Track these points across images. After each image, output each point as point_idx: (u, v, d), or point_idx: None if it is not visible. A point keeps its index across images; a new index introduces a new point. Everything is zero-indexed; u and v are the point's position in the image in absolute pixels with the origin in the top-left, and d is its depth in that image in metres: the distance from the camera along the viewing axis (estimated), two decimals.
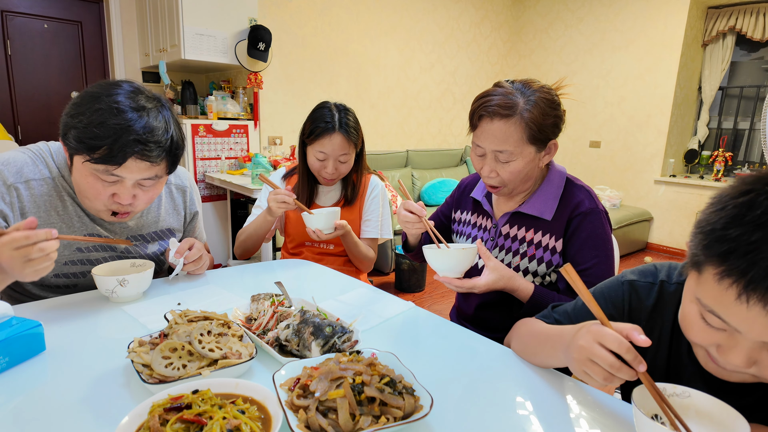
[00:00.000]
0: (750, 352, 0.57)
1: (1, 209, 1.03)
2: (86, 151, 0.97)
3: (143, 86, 1.06)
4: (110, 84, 1.02)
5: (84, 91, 1.02)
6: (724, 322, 0.56)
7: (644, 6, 4.66)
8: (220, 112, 3.69)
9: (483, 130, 1.08)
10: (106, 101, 0.97)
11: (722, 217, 0.54)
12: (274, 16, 3.85)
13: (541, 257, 1.15)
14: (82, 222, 1.14)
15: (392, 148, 4.89)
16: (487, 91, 1.10)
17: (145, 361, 0.72)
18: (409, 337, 0.98)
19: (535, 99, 1.05)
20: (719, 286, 0.54)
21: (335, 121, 1.51)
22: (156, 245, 1.29)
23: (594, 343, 0.64)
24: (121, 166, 0.99)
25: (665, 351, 0.76)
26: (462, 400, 0.74)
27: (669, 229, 4.80)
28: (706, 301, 0.58)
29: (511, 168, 1.09)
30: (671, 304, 0.76)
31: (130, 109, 0.98)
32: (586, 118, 5.24)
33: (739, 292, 0.52)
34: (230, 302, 1.09)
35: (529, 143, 1.07)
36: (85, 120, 0.96)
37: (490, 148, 1.08)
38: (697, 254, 0.58)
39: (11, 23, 3.75)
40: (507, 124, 1.05)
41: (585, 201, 1.13)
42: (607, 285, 0.84)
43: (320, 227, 1.43)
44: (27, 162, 1.09)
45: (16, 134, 3.89)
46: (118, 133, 0.96)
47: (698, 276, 0.59)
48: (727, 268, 0.53)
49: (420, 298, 3.40)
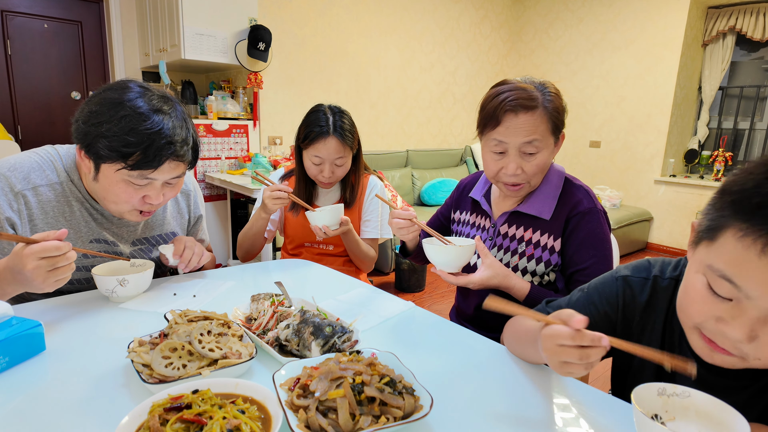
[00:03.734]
0: (753, 324, 0.56)
1: (9, 216, 1.02)
2: (120, 159, 0.97)
3: (148, 84, 1.07)
4: (122, 87, 1.01)
5: (98, 98, 1.00)
6: (735, 287, 0.56)
7: (644, 6, 4.66)
8: (220, 112, 3.69)
9: (508, 126, 1.08)
10: (129, 107, 0.97)
11: (751, 179, 0.56)
12: (274, 16, 3.85)
13: (540, 257, 1.15)
14: (89, 227, 1.14)
15: (392, 148, 4.89)
16: (500, 89, 1.09)
17: (145, 361, 0.72)
18: (409, 337, 0.98)
19: (550, 91, 1.09)
20: (741, 244, 0.55)
21: (330, 125, 1.50)
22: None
23: (555, 346, 0.65)
24: (157, 169, 1.01)
25: (657, 345, 0.77)
26: (462, 399, 0.73)
27: (669, 229, 4.80)
28: (721, 265, 0.57)
29: (537, 161, 1.10)
30: (664, 299, 0.76)
31: (153, 112, 0.98)
32: (586, 118, 5.24)
33: (764, 244, 0.52)
34: (233, 299, 1.09)
35: (551, 134, 1.10)
36: (113, 128, 0.96)
37: (516, 142, 1.08)
38: (720, 216, 0.58)
39: (11, 23, 3.75)
40: (534, 116, 1.06)
41: (583, 200, 1.13)
42: (601, 281, 0.84)
43: (327, 223, 1.42)
44: (34, 167, 1.07)
45: (16, 134, 3.89)
46: (152, 138, 0.97)
47: (711, 243, 0.59)
48: (753, 224, 0.53)
49: (420, 298, 3.40)
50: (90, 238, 1.14)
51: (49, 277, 0.87)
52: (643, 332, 0.78)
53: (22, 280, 0.87)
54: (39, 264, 0.84)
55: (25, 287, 0.90)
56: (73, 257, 0.89)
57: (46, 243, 0.85)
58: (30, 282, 0.87)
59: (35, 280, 0.86)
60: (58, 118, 4.09)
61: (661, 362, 0.62)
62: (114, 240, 1.18)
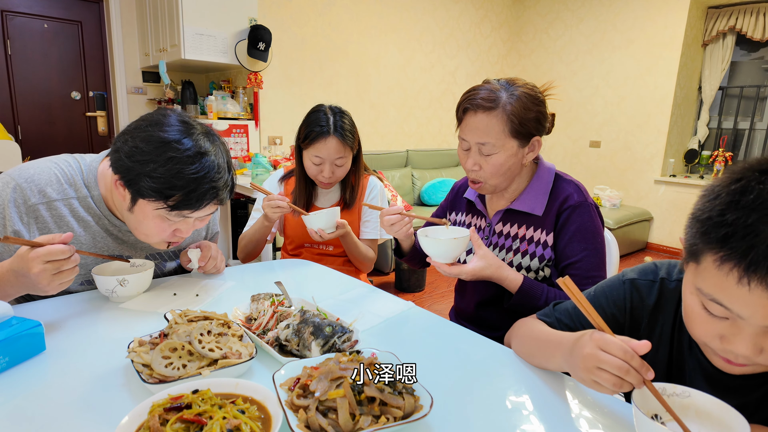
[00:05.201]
0: (755, 339, 0.57)
1: (18, 230, 1.01)
2: (162, 200, 0.97)
3: (186, 115, 1.05)
4: (163, 123, 0.98)
5: (143, 133, 0.97)
6: (726, 309, 0.56)
7: (644, 6, 4.66)
8: (220, 111, 3.69)
9: (467, 123, 1.12)
10: (176, 148, 0.95)
11: (717, 205, 0.55)
12: (274, 16, 3.85)
13: (534, 252, 1.16)
14: (105, 243, 1.13)
15: (392, 148, 4.89)
16: (474, 87, 1.13)
17: (145, 361, 0.72)
18: (409, 337, 0.98)
19: (518, 94, 1.08)
20: (719, 272, 0.55)
21: (330, 125, 1.50)
22: (175, 263, 1.31)
23: (598, 350, 0.63)
24: (196, 211, 1.01)
25: (666, 348, 0.76)
26: (462, 400, 0.73)
27: (669, 229, 4.80)
28: (707, 289, 0.58)
29: (493, 161, 1.11)
30: (672, 301, 0.76)
31: (198, 154, 0.97)
32: (586, 118, 5.24)
33: (740, 275, 0.52)
34: (233, 299, 1.09)
35: (511, 136, 1.09)
36: (159, 169, 0.94)
37: (473, 140, 1.11)
38: (694, 244, 0.59)
39: (11, 23, 3.75)
40: (489, 117, 1.08)
41: (574, 194, 1.14)
42: (608, 284, 0.84)
43: (322, 227, 1.43)
44: (52, 180, 1.05)
45: (16, 134, 3.89)
46: (197, 182, 0.97)
47: (697, 266, 0.59)
48: (726, 253, 0.53)
49: (420, 298, 3.40)
50: (107, 254, 1.13)
51: (54, 280, 0.87)
52: (652, 335, 0.78)
53: (26, 282, 0.88)
54: (44, 267, 0.85)
55: (28, 289, 0.91)
56: (78, 261, 0.90)
57: (51, 246, 0.85)
58: (35, 285, 0.87)
59: (40, 282, 0.86)
60: (58, 118, 4.09)
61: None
62: (129, 254, 1.18)
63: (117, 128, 4.18)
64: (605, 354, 0.63)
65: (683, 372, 0.74)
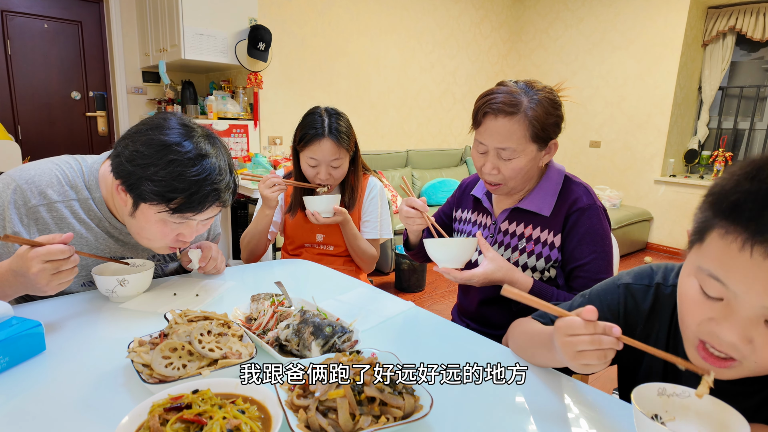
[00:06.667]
0: (745, 325, 0.56)
1: (17, 231, 1.01)
2: (164, 202, 0.97)
3: (187, 118, 1.05)
4: (163, 126, 0.98)
5: (143, 137, 0.97)
6: (723, 285, 0.56)
7: (644, 6, 4.66)
8: (220, 111, 3.69)
9: (487, 127, 1.10)
10: (177, 151, 0.95)
11: (730, 179, 0.57)
12: (274, 16, 3.85)
13: (540, 252, 1.16)
14: (106, 245, 1.13)
15: (392, 148, 4.89)
16: (492, 90, 1.11)
17: (145, 361, 0.72)
18: (409, 337, 0.98)
19: (539, 98, 1.07)
20: (723, 241, 0.55)
21: (324, 127, 1.50)
22: (176, 263, 1.32)
23: (566, 336, 0.67)
24: (198, 213, 1.01)
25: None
26: (462, 400, 0.73)
27: (669, 229, 4.80)
28: (707, 264, 0.58)
29: (512, 165, 1.10)
30: (667, 307, 0.76)
31: (199, 156, 0.97)
32: (586, 118, 5.24)
33: (744, 242, 0.53)
34: (233, 299, 1.09)
35: (531, 141, 1.08)
36: (161, 172, 0.94)
37: (493, 145, 1.09)
38: (704, 219, 0.59)
39: (11, 23, 3.75)
40: (511, 122, 1.06)
41: (583, 197, 1.14)
42: (603, 288, 0.83)
43: (319, 210, 1.43)
44: (53, 181, 1.05)
45: (16, 134, 3.89)
46: (198, 184, 0.97)
47: (701, 246, 0.60)
48: (733, 221, 0.54)
49: (420, 298, 3.40)
50: (107, 256, 1.13)
51: (53, 280, 0.87)
52: (647, 340, 0.77)
53: (25, 282, 0.87)
54: (44, 267, 0.85)
55: (27, 289, 0.90)
56: (77, 261, 0.90)
57: (51, 246, 0.85)
58: (33, 284, 0.87)
59: (39, 282, 0.86)
60: (58, 118, 4.09)
61: (675, 362, 0.63)
62: (131, 256, 1.18)
63: (117, 128, 4.18)
64: (574, 337, 0.66)
65: (678, 375, 0.74)
